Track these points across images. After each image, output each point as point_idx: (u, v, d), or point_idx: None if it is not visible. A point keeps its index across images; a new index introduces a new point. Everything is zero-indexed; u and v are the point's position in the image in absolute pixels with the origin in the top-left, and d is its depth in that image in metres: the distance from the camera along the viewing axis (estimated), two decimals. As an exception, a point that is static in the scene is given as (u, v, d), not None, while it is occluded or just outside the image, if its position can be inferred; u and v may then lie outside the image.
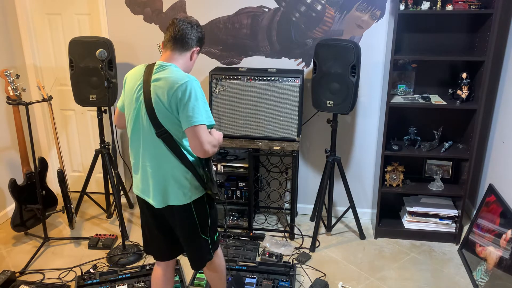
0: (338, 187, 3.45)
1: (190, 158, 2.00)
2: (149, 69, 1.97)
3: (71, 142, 3.96)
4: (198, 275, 2.84)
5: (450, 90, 3.13)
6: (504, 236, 2.66)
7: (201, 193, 2.07)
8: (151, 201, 2.07)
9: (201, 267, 2.25)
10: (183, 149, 1.98)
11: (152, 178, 2.03)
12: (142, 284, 2.76)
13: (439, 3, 2.90)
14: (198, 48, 2.06)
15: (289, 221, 3.40)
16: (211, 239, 2.18)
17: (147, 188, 2.07)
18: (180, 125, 1.91)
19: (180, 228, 2.12)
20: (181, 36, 1.98)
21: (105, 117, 3.39)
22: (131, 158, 2.13)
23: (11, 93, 3.03)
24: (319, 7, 3.18)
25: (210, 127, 1.95)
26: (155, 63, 2.00)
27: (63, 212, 3.35)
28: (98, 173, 3.78)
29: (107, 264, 3.05)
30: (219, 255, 2.31)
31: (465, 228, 3.28)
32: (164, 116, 1.91)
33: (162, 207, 2.05)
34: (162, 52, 2.04)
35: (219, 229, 3.38)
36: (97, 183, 3.93)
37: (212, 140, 1.95)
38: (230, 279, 2.73)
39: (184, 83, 1.88)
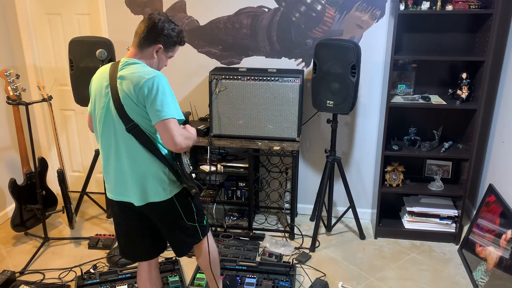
0: (338, 187, 3.45)
1: (164, 152, 1.98)
2: (115, 67, 1.95)
3: (71, 142, 3.96)
4: (198, 275, 2.84)
5: (450, 90, 3.13)
6: (504, 236, 2.66)
7: (180, 187, 2.06)
8: (130, 200, 2.03)
9: (187, 253, 2.24)
10: (156, 144, 1.96)
11: (129, 176, 1.99)
12: None
13: (439, 3, 2.90)
14: (160, 46, 1.97)
15: (289, 221, 3.40)
16: (199, 225, 2.18)
17: (124, 188, 2.03)
18: (150, 119, 1.89)
19: (164, 221, 2.10)
20: (142, 32, 1.95)
21: (105, 117, 3.39)
22: (102, 160, 2.07)
23: (11, 93, 3.03)
24: (319, 7, 3.18)
25: (180, 121, 1.93)
26: (119, 61, 1.97)
27: (63, 212, 3.35)
28: (98, 173, 3.78)
29: (107, 264, 3.05)
30: (208, 239, 2.28)
31: (465, 228, 3.28)
32: (134, 111, 1.89)
33: (142, 205, 2.02)
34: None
35: (219, 229, 3.40)
36: (97, 183, 3.93)
37: (184, 132, 1.93)
38: (225, 277, 2.73)
39: (150, 78, 1.86)
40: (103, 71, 2.00)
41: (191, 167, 2.10)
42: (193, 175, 2.10)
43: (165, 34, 1.96)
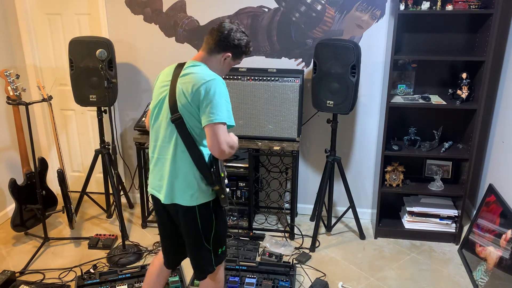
0: (338, 187, 3.45)
1: (203, 156, 1.97)
2: (181, 66, 2.02)
3: (71, 142, 3.96)
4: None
5: (450, 90, 3.13)
6: (504, 236, 2.66)
7: (208, 198, 2.03)
8: (161, 196, 2.05)
9: (202, 278, 2.17)
10: (198, 145, 1.96)
11: (166, 171, 2.01)
12: (142, 284, 2.76)
13: (439, 3, 2.90)
14: (229, 54, 2.01)
15: (289, 221, 3.40)
16: (214, 251, 2.12)
17: (161, 182, 2.05)
18: (200, 121, 1.91)
19: (184, 230, 2.09)
20: (214, 39, 1.99)
21: (105, 117, 3.39)
22: (150, 152, 2.12)
23: (11, 93, 3.03)
24: (319, 7, 3.18)
25: (229, 127, 1.95)
26: (186, 61, 2.03)
27: (63, 212, 3.35)
28: (98, 173, 3.78)
29: (107, 264, 3.05)
30: (219, 272, 2.21)
31: (465, 228, 3.28)
32: (186, 108, 1.91)
33: (168, 204, 2.03)
34: None
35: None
36: (97, 183, 3.93)
37: (230, 140, 1.94)
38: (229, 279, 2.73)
39: (210, 81, 1.89)
40: (170, 68, 2.06)
41: (226, 179, 2.08)
42: (228, 189, 2.08)
43: (236, 44, 2.01)
